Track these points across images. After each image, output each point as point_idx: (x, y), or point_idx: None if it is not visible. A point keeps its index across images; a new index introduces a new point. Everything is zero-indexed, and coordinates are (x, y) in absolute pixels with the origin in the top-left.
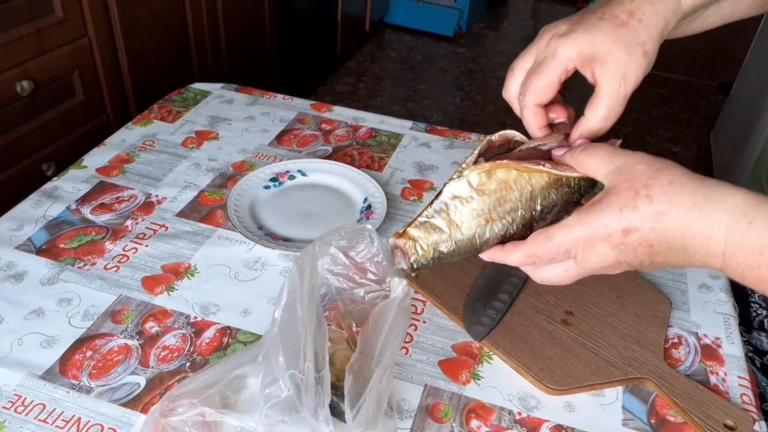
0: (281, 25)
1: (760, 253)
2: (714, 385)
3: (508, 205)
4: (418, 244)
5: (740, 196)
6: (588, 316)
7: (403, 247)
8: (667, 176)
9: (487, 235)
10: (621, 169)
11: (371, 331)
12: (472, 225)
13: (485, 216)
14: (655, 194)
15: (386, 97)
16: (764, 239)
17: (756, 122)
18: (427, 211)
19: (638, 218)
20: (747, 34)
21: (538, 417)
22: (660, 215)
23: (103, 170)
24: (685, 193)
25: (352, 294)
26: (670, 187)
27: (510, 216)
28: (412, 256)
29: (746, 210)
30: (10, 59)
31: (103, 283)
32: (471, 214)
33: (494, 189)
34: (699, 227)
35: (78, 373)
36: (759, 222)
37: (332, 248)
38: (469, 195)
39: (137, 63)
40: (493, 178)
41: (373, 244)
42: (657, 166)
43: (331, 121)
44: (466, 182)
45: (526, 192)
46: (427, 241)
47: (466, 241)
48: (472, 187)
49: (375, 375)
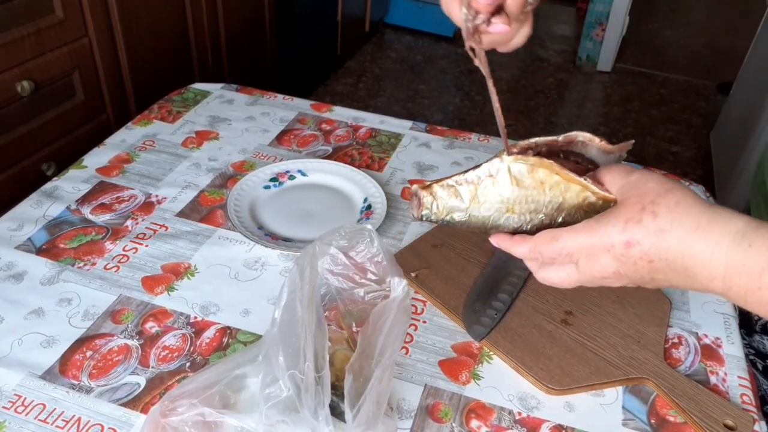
0: (281, 25)
1: (760, 275)
2: (714, 385)
3: (534, 206)
4: (436, 203)
5: (743, 221)
6: (588, 316)
7: (421, 198)
8: (676, 196)
9: (501, 222)
10: (633, 184)
11: (371, 331)
12: (492, 208)
13: (508, 205)
14: (660, 211)
15: (386, 97)
16: (764, 260)
17: (756, 122)
18: (459, 177)
19: (641, 232)
20: (747, 34)
21: (538, 417)
22: (663, 232)
23: (103, 170)
24: (690, 214)
25: (352, 294)
26: (676, 206)
27: (530, 215)
28: (425, 210)
29: (747, 233)
30: (10, 59)
31: (103, 283)
32: (496, 198)
33: (528, 185)
34: (700, 248)
35: (78, 373)
36: (759, 244)
37: (332, 248)
38: (503, 180)
39: (137, 63)
40: (532, 174)
41: (373, 244)
42: (668, 186)
43: (331, 121)
44: (506, 167)
45: (555, 201)
46: (445, 203)
47: (479, 219)
48: (511, 175)
49: (375, 375)
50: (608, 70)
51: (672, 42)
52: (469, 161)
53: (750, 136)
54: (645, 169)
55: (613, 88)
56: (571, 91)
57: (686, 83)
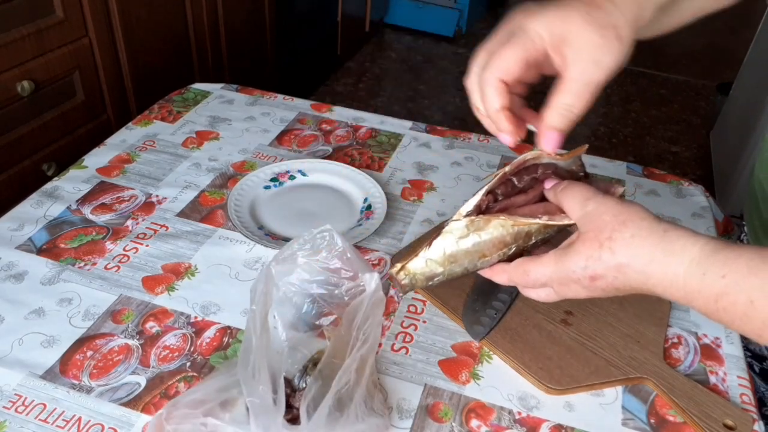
0: (281, 25)
1: (716, 300)
2: (713, 385)
3: (503, 244)
4: (415, 278)
5: (698, 248)
6: (588, 316)
7: (400, 281)
8: (630, 229)
9: (479, 266)
10: (590, 216)
11: (345, 331)
12: (465, 261)
13: (480, 253)
14: (617, 247)
15: (386, 97)
16: (718, 288)
17: (755, 122)
18: (425, 251)
19: (602, 268)
20: (746, 35)
21: (538, 417)
22: (622, 266)
23: (104, 170)
24: (645, 247)
25: (332, 296)
26: (632, 240)
27: (504, 250)
28: (407, 286)
29: (701, 261)
30: (10, 59)
31: (103, 283)
32: (467, 252)
33: (492, 232)
34: (659, 277)
35: (78, 373)
36: (712, 272)
37: (300, 259)
38: (466, 235)
39: (137, 63)
40: (490, 225)
41: (335, 242)
42: (622, 218)
43: (331, 122)
44: (464, 226)
45: (522, 232)
46: (422, 275)
47: (459, 272)
48: (470, 231)
49: (337, 376)
50: None
51: (672, 42)
52: (469, 161)
53: (750, 136)
54: (601, 196)
55: (613, 88)
56: None
57: (686, 83)
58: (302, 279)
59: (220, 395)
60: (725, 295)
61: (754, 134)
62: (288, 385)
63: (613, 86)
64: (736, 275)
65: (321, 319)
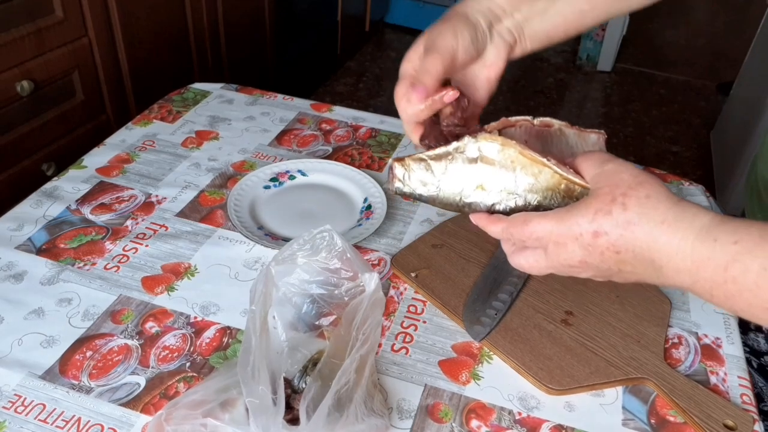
0: (281, 25)
1: (725, 268)
2: (714, 385)
3: (505, 185)
4: (408, 174)
5: (709, 217)
6: (588, 316)
7: (394, 170)
8: (647, 190)
9: (472, 198)
10: (607, 173)
11: (345, 332)
12: (461, 183)
13: (478, 182)
14: (630, 203)
15: (386, 97)
16: (729, 255)
17: (756, 122)
18: (431, 152)
19: (610, 223)
20: (746, 35)
21: (538, 417)
22: (630, 224)
23: (103, 170)
24: (658, 208)
25: (332, 296)
26: (646, 200)
27: (504, 195)
28: (398, 182)
29: (712, 228)
30: (10, 59)
31: (103, 283)
32: (466, 173)
33: (498, 162)
34: (665, 241)
35: (78, 373)
36: (723, 239)
37: (300, 259)
38: (473, 156)
39: (137, 63)
40: (502, 153)
41: (335, 242)
42: (640, 179)
43: (331, 121)
44: (476, 145)
45: (528, 182)
46: (417, 175)
47: (449, 194)
48: (481, 152)
49: (336, 377)
50: (608, 70)
51: (672, 42)
52: None
53: (750, 136)
54: (621, 160)
55: (613, 88)
56: (571, 91)
57: (686, 83)
58: (302, 279)
59: (220, 396)
60: (736, 263)
61: (755, 134)
62: (288, 386)
63: (613, 86)
64: (748, 243)
65: (321, 320)
